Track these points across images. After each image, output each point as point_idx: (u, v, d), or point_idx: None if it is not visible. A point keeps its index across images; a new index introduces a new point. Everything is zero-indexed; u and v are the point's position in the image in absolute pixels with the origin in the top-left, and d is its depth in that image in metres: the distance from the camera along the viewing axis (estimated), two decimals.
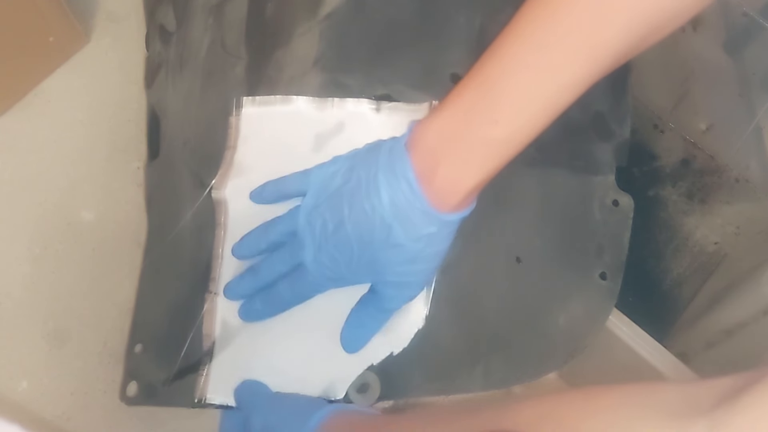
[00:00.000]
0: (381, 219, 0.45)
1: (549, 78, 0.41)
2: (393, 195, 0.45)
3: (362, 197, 0.46)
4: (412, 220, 0.45)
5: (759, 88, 0.66)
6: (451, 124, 0.44)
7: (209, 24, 0.59)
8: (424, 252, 0.46)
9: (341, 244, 0.47)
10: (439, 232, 0.46)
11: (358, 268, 0.48)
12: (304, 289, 0.50)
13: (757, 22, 0.62)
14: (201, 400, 0.51)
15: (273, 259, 0.51)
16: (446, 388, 0.51)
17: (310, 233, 0.49)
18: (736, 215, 0.73)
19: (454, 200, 0.44)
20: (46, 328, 0.57)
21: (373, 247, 0.46)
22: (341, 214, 0.47)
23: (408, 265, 0.47)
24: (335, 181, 0.49)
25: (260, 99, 0.55)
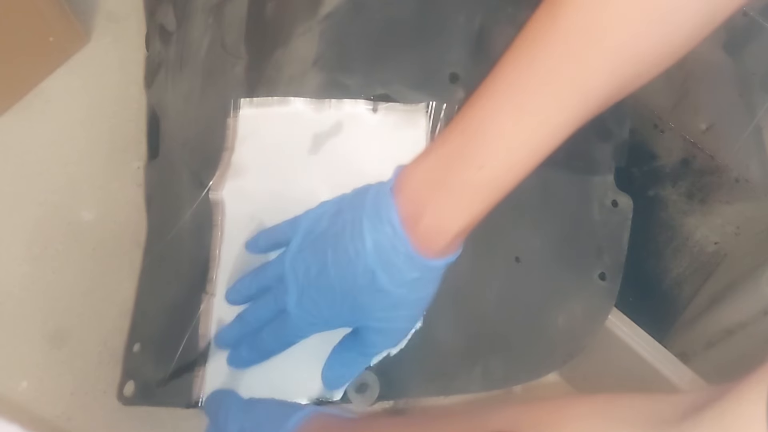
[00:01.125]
0: (364, 263, 0.45)
1: (534, 122, 0.41)
2: (377, 239, 0.44)
3: (346, 241, 0.46)
4: (396, 264, 0.44)
5: (759, 88, 0.66)
6: (436, 168, 0.43)
7: (209, 24, 0.59)
8: (408, 298, 0.46)
9: (324, 288, 0.47)
10: (423, 277, 0.45)
11: (340, 312, 0.47)
12: (287, 334, 0.50)
13: (757, 22, 0.62)
14: (196, 401, 0.51)
15: (258, 305, 0.51)
16: (445, 388, 0.51)
17: (294, 278, 0.48)
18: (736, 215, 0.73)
19: (439, 245, 0.44)
20: (46, 328, 0.57)
21: (356, 291, 0.46)
22: (325, 258, 0.47)
23: (391, 310, 0.46)
24: (321, 225, 0.48)
25: (258, 101, 0.55)
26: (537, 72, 0.40)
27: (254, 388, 0.51)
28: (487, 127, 0.42)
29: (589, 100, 0.41)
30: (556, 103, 0.40)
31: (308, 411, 0.45)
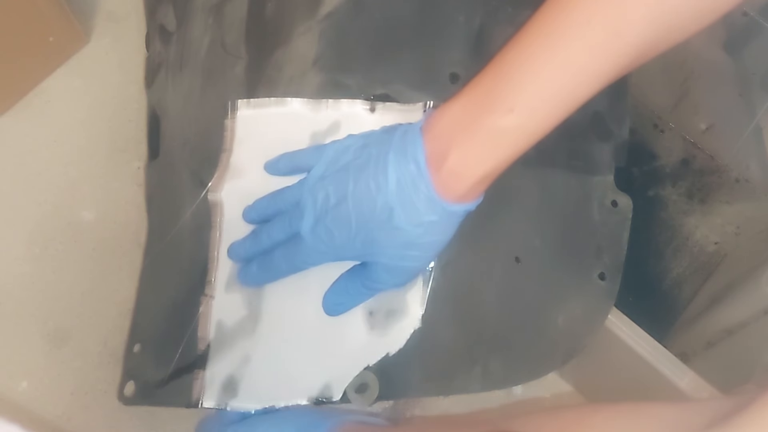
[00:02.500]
0: (384, 199, 0.45)
1: (567, 68, 0.41)
2: (400, 176, 0.45)
3: (369, 175, 0.46)
4: (416, 204, 0.45)
5: (759, 88, 0.66)
6: (466, 110, 0.43)
7: (209, 24, 0.59)
8: (422, 239, 0.46)
9: (340, 218, 0.47)
10: (440, 221, 0.45)
11: (353, 244, 0.47)
12: (297, 259, 0.50)
13: (757, 22, 0.62)
14: (196, 401, 0.51)
15: (272, 226, 0.51)
16: (445, 388, 0.51)
17: (312, 204, 0.48)
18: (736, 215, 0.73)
19: (461, 189, 0.44)
20: (46, 328, 0.57)
21: (372, 225, 0.46)
22: (345, 189, 0.47)
23: (403, 249, 0.46)
24: (346, 156, 0.48)
25: (255, 101, 0.55)
26: (574, 19, 0.40)
27: (253, 387, 0.51)
28: (519, 71, 0.42)
29: (624, 50, 0.40)
30: (591, 51, 0.40)
31: (339, 420, 0.45)
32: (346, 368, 0.50)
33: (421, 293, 0.51)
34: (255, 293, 0.52)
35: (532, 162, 0.51)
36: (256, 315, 0.52)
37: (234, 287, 0.53)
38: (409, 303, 0.51)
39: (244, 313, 0.52)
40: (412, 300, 0.51)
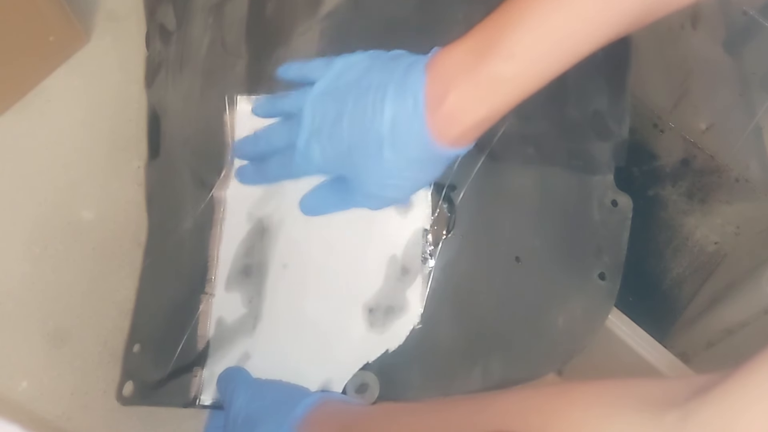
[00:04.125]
0: (377, 129, 0.46)
1: (573, 18, 0.41)
2: (396, 110, 0.45)
3: (367, 102, 0.46)
4: (406, 141, 0.45)
5: (759, 88, 0.66)
6: (468, 53, 0.44)
7: (209, 23, 0.59)
8: (405, 174, 0.47)
9: (334, 138, 0.48)
10: (428, 161, 0.46)
11: (341, 164, 0.48)
12: (290, 168, 0.51)
13: (757, 22, 0.62)
14: (194, 400, 0.51)
15: (271, 130, 0.52)
16: (445, 388, 0.51)
17: (311, 117, 0.49)
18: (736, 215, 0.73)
19: (455, 133, 0.44)
20: (46, 328, 0.57)
21: (361, 151, 0.47)
22: (343, 108, 0.47)
23: (386, 179, 0.47)
24: (351, 74, 0.49)
25: (255, 98, 0.55)
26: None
27: None
28: (524, 18, 0.42)
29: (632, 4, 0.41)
30: (599, 3, 0.41)
31: (317, 397, 0.45)
32: (346, 365, 0.50)
33: (420, 290, 0.51)
34: (255, 291, 0.52)
35: (531, 161, 0.51)
36: (256, 313, 0.52)
37: (234, 286, 0.53)
38: (409, 300, 0.51)
39: (244, 311, 0.52)
40: (412, 297, 0.51)
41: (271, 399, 0.46)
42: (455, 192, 0.53)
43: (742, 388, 0.28)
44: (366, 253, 0.52)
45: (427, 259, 0.51)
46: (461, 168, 0.52)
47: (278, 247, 0.53)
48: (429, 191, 0.52)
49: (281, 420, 0.44)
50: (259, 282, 0.53)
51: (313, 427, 0.43)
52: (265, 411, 0.45)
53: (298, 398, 0.45)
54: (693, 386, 0.30)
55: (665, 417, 0.30)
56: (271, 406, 0.46)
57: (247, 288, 0.53)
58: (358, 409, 0.45)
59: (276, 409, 0.45)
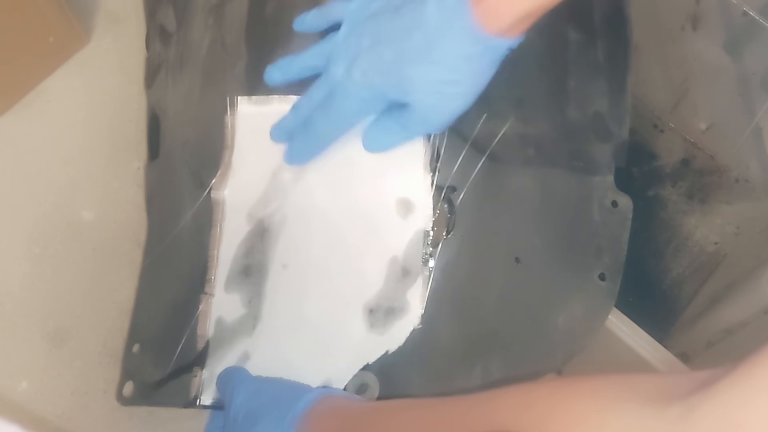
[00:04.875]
0: (422, 33, 0.45)
1: None
2: (440, 10, 0.44)
3: (405, 13, 0.45)
4: (455, 36, 0.44)
5: (759, 88, 0.66)
6: None
7: (209, 24, 0.59)
8: (461, 75, 0.45)
9: (374, 57, 0.46)
10: (482, 56, 0.45)
11: (389, 83, 0.47)
12: (337, 113, 0.49)
13: (757, 22, 0.62)
14: (194, 400, 0.51)
15: (311, 88, 0.51)
16: (445, 389, 0.51)
17: (345, 51, 0.48)
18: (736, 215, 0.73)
19: (504, 23, 0.43)
20: (45, 328, 0.57)
21: (408, 61, 0.45)
22: (379, 30, 0.46)
23: (442, 86, 0.46)
24: (376, 3, 0.48)
25: (256, 98, 0.55)
26: None
27: None
28: None
29: None
30: None
31: (317, 393, 0.45)
32: (346, 366, 0.50)
33: (421, 291, 0.51)
34: (255, 292, 0.52)
35: (532, 162, 0.51)
36: (255, 313, 0.52)
37: (234, 286, 0.53)
38: (410, 301, 0.51)
39: (243, 311, 0.52)
40: (412, 298, 0.51)
41: (271, 396, 0.46)
42: (455, 193, 0.53)
43: (745, 381, 0.28)
44: (366, 254, 0.52)
45: (427, 260, 0.51)
46: (461, 169, 0.52)
47: (278, 247, 0.53)
48: (430, 192, 0.52)
49: (282, 416, 0.44)
50: (259, 282, 0.53)
51: (314, 423, 0.43)
52: (265, 407, 0.45)
53: (298, 394, 0.45)
54: (695, 381, 0.30)
55: (668, 411, 0.29)
56: (271, 402, 0.45)
57: (247, 288, 0.53)
58: (358, 405, 0.45)
59: (276, 405, 0.45)
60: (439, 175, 0.53)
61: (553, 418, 0.33)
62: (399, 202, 0.52)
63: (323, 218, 0.53)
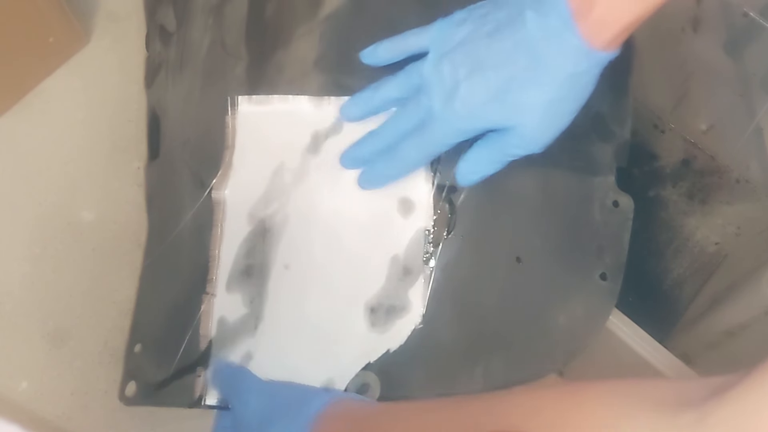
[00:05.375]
0: (529, 56, 0.44)
1: None
2: (542, 30, 0.44)
3: (504, 36, 0.45)
4: (564, 55, 0.44)
5: (759, 89, 0.66)
6: None
7: (209, 24, 0.59)
8: (569, 93, 0.45)
9: (476, 87, 0.46)
10: (588, 71, 0.45)
11: (493, 111, 0.46)
12: (430, 144, 0.49)
13: (757, 23, 0.62)
14: (199, 400, 0.51)
15: (396, 117, 0.50)
16: (446, 389, 0.51)
17: (438, 81, 0.47)
18: (737, 216, 0.73)
19: (609, 35, 0.43)
20: (46, 328, 0.57)
21: (517, 87, 0.45)
22: (477, 56, 0.46)
23: (552, 106, 0.46)
24: (463, 30, 0.48)
25: (256, 98, 0.55)
26: None
27: None
28: None
29: None
30: None
31: (329, 396, 0.45)
32: (348, 365, 0.50)
33: (422, 290, 0.51)
34: (257, 292, 0.52)
35: (533, 162, 0.51)
36: (257, 313, 0.52)
37: (235, 286, 0.53)
38: (411, 300, 0.51)
39: (245, 311, 0.52)
40: (413, 297, 0.51)
41: (284, 399, 0.46)
42: (456, 193, 0.53)
43: (759, 387, 0.28)
44: (368, 254, 0.52)
45: (428, 260, 0.51)
46: None
47: (280, 247, 0.53)
48: (431, 191, 0.52)
49: (293, 419, 0.44)
50: (260, 282, 0.53)
51: (326, 426, 0.43)
52: (279, 411, 0.45)
53: (310, 397, 0.45)
54: (708, 387, 0.30)
55: (681, 417, 0.29)
56: (284, 406, 0.45)
57: (249, 288, 0.53)
58: (369, 407, 0.45)
59: (288, 409, 0.45)
60: (440, 174, 0.53)
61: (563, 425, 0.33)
62: (400, 202, 0.52)
63: (325, 218, 0.53)
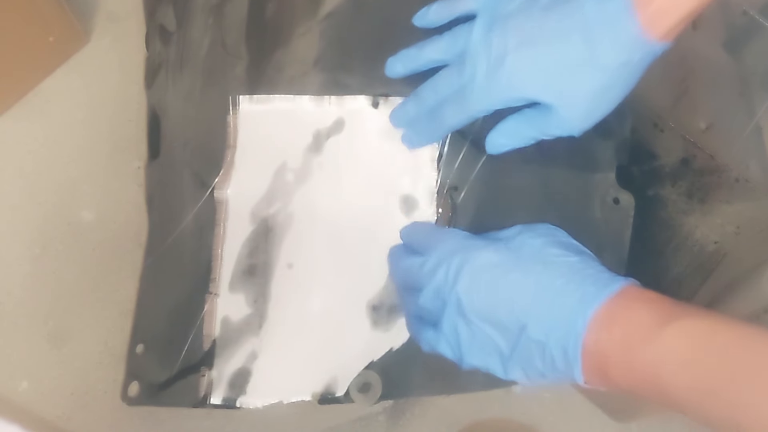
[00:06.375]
0: (584, 37, 0.44)
1: None
2: (602, 14, 0.43)
3: (560, 13, 0.44)
4: (620, 42, 0.43)
5: (759, 88, 0.66)
6: None
7: (209, 24, 0.59)
8: (619, 81, 0.44)
9: (527, 60, 0.45)
10: (641, 61, 0.44)
11: (541, 87, 0.45)
12: (469, 110, 0.48)
13: (757, 22, 0.62)
14: (204, 400, 0.51)
15: (437, 81, 0.50)
16: (448, 388, 0.51)
17: (485, 49, 0.46)
18: (736, 215, 0.73)
19: (666, 26, 0.42)
20: (46, 328, 0.57)
21: (568, 68, 0.44)
22: (529, 30, 0.45)
23: (600, 92, 0.45)
24: (514, 1, 0.47)
25: (257, 98, 0.55)
26: None
27: (260, 383, 0.51)
28: None
29: None
30: None
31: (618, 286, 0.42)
32: (351, 364, 0.51)
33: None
34: (260, 291, 0.53)
35: (533, 159, 0.51)
36: (261, 312, 0.52)
37: (238, 285, 0.53)
38: None
39: (249, 310, 0.52)
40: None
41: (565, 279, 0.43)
42: (456, 192, 0.53)
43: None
44: (370, 252, 0.52)
45: None
46: (463, 167, 0.53)
47: (283, 247, 0.53)
48: (434, 189, 0.52)
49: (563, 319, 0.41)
50: (263, 282, 0.53)
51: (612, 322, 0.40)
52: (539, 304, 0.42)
53: (590, 286, 0.42)
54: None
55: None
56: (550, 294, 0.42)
57: (252, 288, 0.53)
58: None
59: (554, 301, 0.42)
60: (441, 173, 0.53)
61: None
62: (402, 200, 0.52)
63: (327, 217, 0.53)
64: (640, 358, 0.38)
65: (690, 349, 0.37)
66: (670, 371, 0.37)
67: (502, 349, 0.44)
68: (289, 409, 0.51)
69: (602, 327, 0.40)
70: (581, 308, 0.41)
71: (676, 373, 0.37)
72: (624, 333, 0.39)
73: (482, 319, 0.44)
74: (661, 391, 0.38)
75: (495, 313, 0.43)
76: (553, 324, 0.41)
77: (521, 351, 0.43)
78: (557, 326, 0.41)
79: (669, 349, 0.38)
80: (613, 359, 0.39)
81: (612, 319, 0.40)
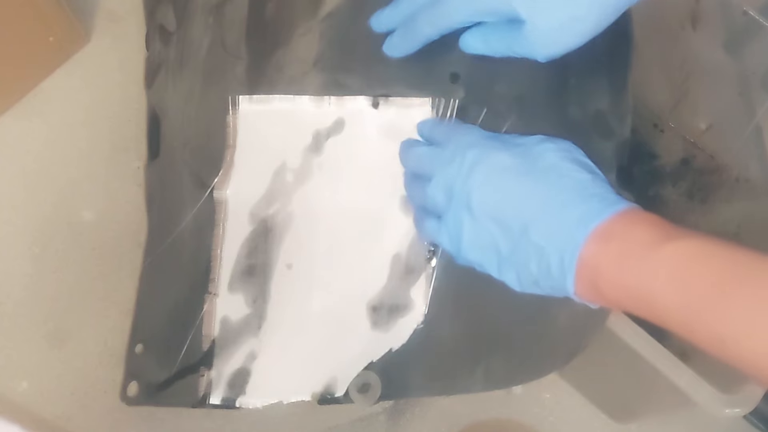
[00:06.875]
0: None
1: None
2: None
3: None
4: None
5: (759, 88, 0.66)
6: None
7: (209, 24, 0.59)
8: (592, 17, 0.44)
9: None
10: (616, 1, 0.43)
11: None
12: (442, 19, 0.48)
13: (757, 22, 0.62)
14: (203, 400, 0.51)
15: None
16: (447, 388, 0.51)
17: None
18: (737, 214, 0.73)
19: None
20: (46, 328, 0.57)
21: None
22: None
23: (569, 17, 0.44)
24: None
25: (257, 98, 0.55)
26: None
27: (260, 383, 0.51)
28: None
29: None
30: None
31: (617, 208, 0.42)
32: (350, 364, 0.51)
33: (424, 289, 0.51)
34: (259, 291, 0.53)
35: None
36: (260, 313, 0.52)
37: (238, 286, 0.53)
38: (413, 299, 0.51)
39: (248, 311, 0.52)
40: (415, 296, 0.51)
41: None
42: None
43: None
44: (370, 252, 0.52)
45: (430, 258, 0.51)
46: None
47: (282, 247, 0.53)
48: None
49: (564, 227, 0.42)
50: (263, 282, 0.53)
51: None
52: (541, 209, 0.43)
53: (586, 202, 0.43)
54: None
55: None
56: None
57: (252, 288, 0.53)
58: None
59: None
60: None
61: None
62: (402, 200, 0.52)
63: (326, 217, 0.53)
64: (633, 273, 0.39)
65: (684, 267, 0.38)
66: (661, 288, 0.38)
67: (501, 249, 0.44)
68: (289, 409, 0.51)
69: (600, 241, 0.41)
70: (584, 221, 0.41)
71: (667, 290, 0.37)
72: (620, 248, 0.40)
73: (488, 216, 0.44)
74: (649, 306, 0.39)
75: (501, 212, 0.44)
76: (555, 231, 0.42)
77: (519, 253, 0.43)
78: (558, 234, 0.42)
79: (662, 266, 0.38)
80: (606, 273, 0.40)
81: (611, 234, 0.41)
